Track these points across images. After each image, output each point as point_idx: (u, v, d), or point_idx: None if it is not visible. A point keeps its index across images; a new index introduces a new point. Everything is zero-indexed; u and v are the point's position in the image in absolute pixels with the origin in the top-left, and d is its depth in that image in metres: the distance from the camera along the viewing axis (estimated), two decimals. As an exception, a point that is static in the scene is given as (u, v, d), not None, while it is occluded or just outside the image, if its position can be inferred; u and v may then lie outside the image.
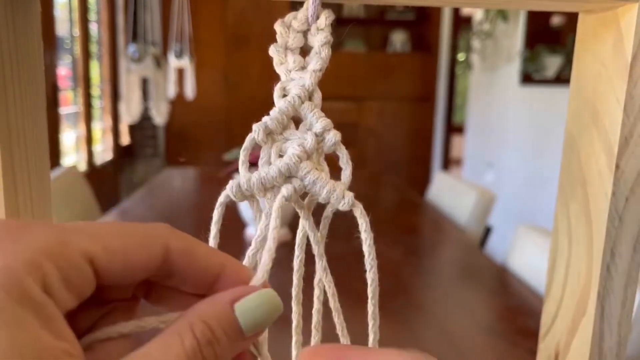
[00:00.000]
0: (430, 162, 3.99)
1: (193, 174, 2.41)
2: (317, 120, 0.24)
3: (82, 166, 2.77)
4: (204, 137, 3.72)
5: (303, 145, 0.24)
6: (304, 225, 0.25)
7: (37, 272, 0.16)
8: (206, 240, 0.24)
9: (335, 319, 0.25)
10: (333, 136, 0.24)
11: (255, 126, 0.24)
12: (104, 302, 0.20)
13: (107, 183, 3.11)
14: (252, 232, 1.28)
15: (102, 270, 0.18)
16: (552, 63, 2.59)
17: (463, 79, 4.08)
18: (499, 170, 3.11)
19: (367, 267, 0.25)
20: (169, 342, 0.17)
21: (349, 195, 0.24)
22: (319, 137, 0.24)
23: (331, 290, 0.25)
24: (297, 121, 0.25)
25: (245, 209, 1.28)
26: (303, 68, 0.25)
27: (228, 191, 0.23)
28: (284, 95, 0.25)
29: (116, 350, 0.19)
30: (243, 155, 0.24)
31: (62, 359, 0.15)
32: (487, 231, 1.86)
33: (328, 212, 0.25)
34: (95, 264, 0.17)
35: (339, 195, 0.23)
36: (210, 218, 0.24)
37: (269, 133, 0.24)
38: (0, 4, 0.24)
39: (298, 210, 0.25)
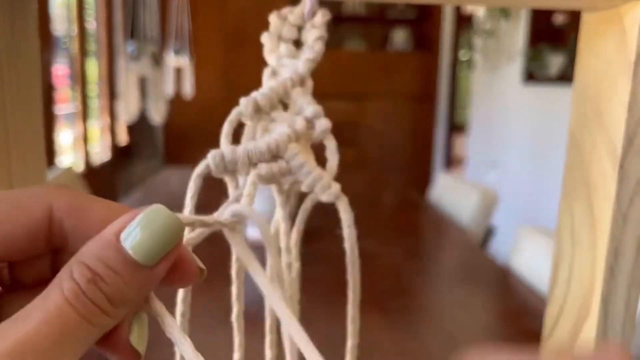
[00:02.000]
0: (431, 161, 3.98)
1: (192, 174, 2.41)
2: (307, 105, 0.23)
3: (80, 166, 2.77)
4: (202, 136, 3.72)
5: (293, 126, 0.22)
6: (279, 214, 0.23)
7: None
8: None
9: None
10: (323, 124, 0.23)
11: (243, 100, 0.23)
12: (27, 285, 0.18)
13: (104, 183, 3.11)
14: (252, 233, 1.28)
15: None
16: (554, 62, 2.58)
17: (465, 78, 4.08)
18: (501, 170, 3.11)
19: (349, 265, 0.23)
20: (50, 293, 0.15)
21: (336, 186, 0.22)
22: (309, 123, 0.23)
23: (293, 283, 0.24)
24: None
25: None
26: (294, 57, 0.24)
27: (209, 161, 0.21)
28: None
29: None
30: (227, 127, 0.23)
31: None
32: (490, 232, 1.85)
33: (308, 204, 0.23)
34: None
35: (325, 184, 0.22)
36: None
37: (257, 110, 0.23)
38: (-5, 3, 0.24)
39: (276, 196, 0.23)
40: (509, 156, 3.02)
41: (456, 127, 4.08)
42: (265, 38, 0.24)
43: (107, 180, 3.20)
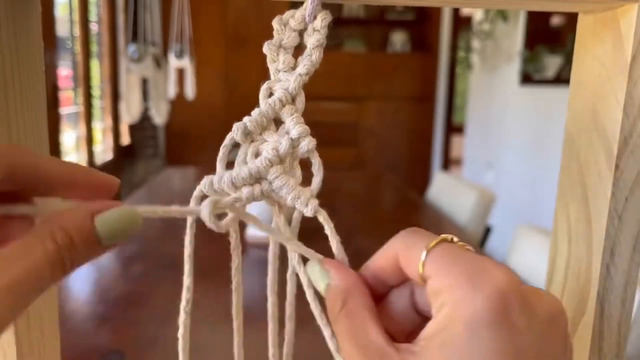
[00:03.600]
0: (430, 162, 3.99)
1: (193, 174, 2.41)
2: (294, 126, 0.25)
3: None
4: (204, 137, 3.72)
5: (277, 149, 0.25)
6: (277, 222, 0.26)
7: None
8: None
9: (312, 308, 0.26)
10: (307, 143, 0.25)
11: (235, 126, 0.25)
12: None
13: (107, 183, 3.10)
14: (253, 232, 1.28)
15: None
16: (551, 63, 2.59)
17: (463, 79, 4.08)
18: (498, 171, 3.11)
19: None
20: (30, 244, 0.19)
21: (313, 203, 0.25)
22: (295, 142, 0.25)
23: (306, 282, 0.26)
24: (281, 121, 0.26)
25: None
26: (292, 69, 0.25)
27: (201, 187, 0.24)
28: (270, 95, 0.25)
29: None
30: (222, 152, 0.25)
31: None
32: (487, 231, 1.85)
33: (297, 214, 0.26)
34: None
35: (302, 202, 0.25)
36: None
37: (247, 133, 0.25)
38: (1, 4, 0.24)
39: (272, 207, 0.26)
40: (506, 156, 3.03)
41: (454, 128, 4.08)
42: (266, 49, 0.25)
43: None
